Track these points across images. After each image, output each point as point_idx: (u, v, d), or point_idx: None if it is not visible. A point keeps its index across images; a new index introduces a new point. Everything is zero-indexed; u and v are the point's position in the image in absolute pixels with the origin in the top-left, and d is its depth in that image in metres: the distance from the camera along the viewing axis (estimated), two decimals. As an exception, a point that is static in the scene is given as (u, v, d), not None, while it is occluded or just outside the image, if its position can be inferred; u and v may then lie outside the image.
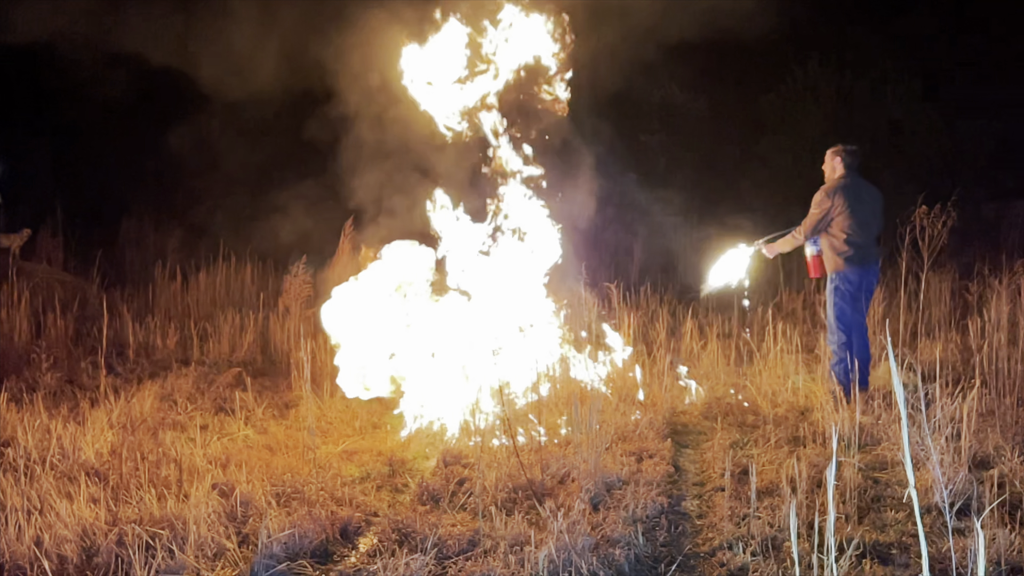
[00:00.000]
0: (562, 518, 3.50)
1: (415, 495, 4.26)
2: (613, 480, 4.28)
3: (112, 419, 5.14)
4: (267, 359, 7.14)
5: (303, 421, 5.13)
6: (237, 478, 4.18)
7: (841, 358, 5.64)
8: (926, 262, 6.56)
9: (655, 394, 5.73)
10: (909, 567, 3.38)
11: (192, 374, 6.40)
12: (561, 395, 5.55)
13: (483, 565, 3.37)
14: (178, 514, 3.68)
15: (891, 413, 5.10)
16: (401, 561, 3.30)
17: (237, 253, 9.18)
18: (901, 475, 4.28)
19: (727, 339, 6.95)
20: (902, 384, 2.38)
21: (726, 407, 5.68)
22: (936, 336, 6.65)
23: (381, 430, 5.39)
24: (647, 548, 3.60)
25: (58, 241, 9.99)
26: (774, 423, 5.20)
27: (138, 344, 7.10)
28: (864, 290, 5.71)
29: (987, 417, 4.93)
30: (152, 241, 11.18)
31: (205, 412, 5.61)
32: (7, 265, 7.81)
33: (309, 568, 3.44)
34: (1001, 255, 8.43)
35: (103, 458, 4.51)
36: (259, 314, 7.66)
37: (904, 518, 3.79)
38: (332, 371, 6.31)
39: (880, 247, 5.86)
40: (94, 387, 5.95)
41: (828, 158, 5.80)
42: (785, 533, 3.62)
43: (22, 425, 4.77)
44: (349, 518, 3.85)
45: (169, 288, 8.51)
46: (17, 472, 4.00)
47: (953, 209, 6.99)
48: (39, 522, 3.55)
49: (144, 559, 3.30)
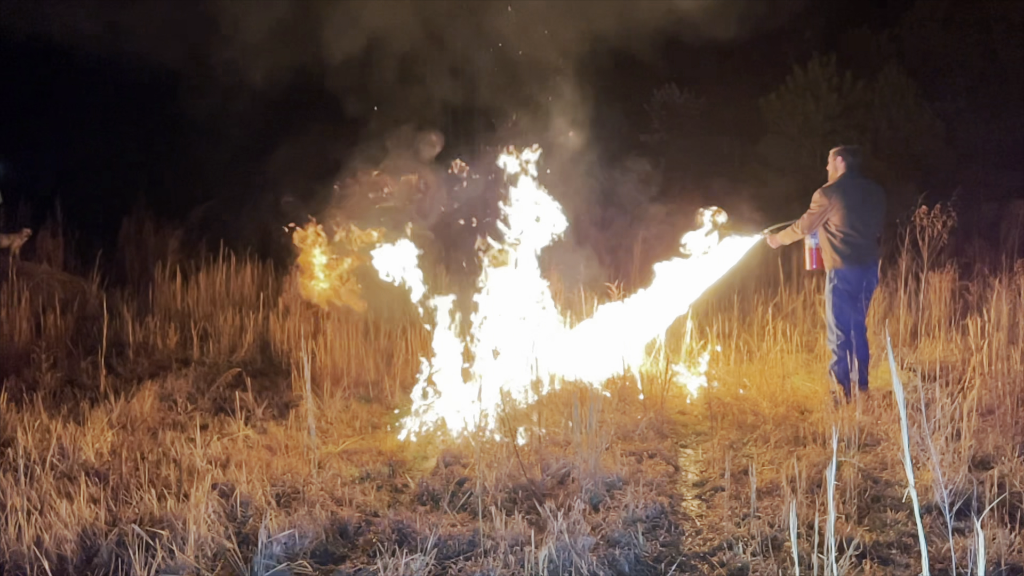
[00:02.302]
0: (562, 518, 3.50)
1: (415, 495, 4.26)
2: (613, 480, 4.27)
3: (112, 419, 5.14)
4: (267, 359, 7.14)
5: (303, 421, 5.12)
6: (237, 478, 4.18)
7: (840, 358, 5.64)
8: (926, 262, 6.56)
9: (655, 394, 5.73)
10: (909, 567, 3.38)
11: (192, 374, 6.39)
12: (561, 395, 5.55)
13: (483, 565, 3.37)
14: (178, 514, 3.68)
15: (891, 413, 5.10)
16: (401, 561, 3.30)
17: (237, 253, 9.18)
18: (901, 475, 4.28)
19: (727, 339, 6.95)
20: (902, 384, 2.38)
21: (726, 407, 5.68)
22: (936, 336, 6.65)
23: (381, 430, 5.39)
24: (647, 548, 3.60)
25: (58, 241, 9.98)
26: (774, 423, 5.20)
27: (138, 344, 7.10)
28: (864, 290, 5.71)
29: (987, 417, 4.93)
30: (152, 241, 11.17)
31: (205, 412, 5.61)
32: (7, 265, 7.81)
33: (309, 568, 3.44)
34: (1001, 255, 8.44)
35: (103, 458, 4.51)
36: (259, 314, 7.66)
37: (904, 518, 3.79)
38: (332, 371, 6.32)
39: (881, 247, 5.87)
40: (94, 387, 5.95)
41: (830, 158, 5.83)
42: (785, 533, 3.62)
43: (22, 425, 4.77)
44: (349, 518, 3.85)
45: (169, 288, 8.50)
46: (17, 472, 4.00)
47: (953, 209, 6.99)
48: (39, 522, 3.54)
49: (144, 559, 3.30)
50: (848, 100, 12.68)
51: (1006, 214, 11.19)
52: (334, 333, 6.68)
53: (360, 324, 7.08)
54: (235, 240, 9.66)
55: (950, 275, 7.60)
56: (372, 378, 6.22)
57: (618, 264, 9.73)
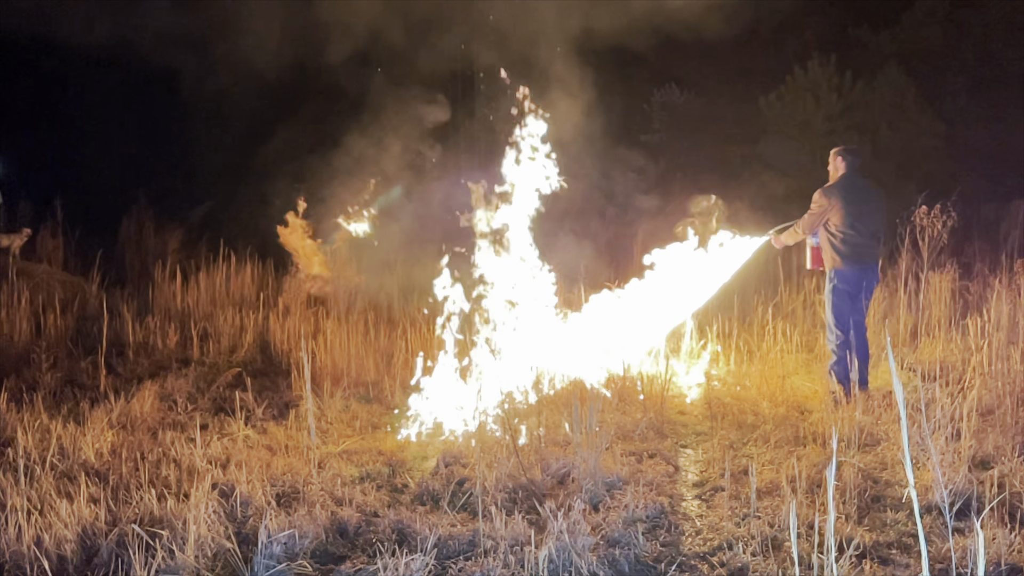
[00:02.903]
0: (562, 518, 3.50)
1: (415, 495, 4.26)
2: (613, 480, 4.28)
3: (112, 419, 5.14)
4: (267, 359, 7.13)
5: (303, 421, 5.13)
6: (237, 478, 4.18)
7: (840, 357, 5.65)
8: (926, 262, 6.56)
9: (655, 394, 5.73)
10: (909, 567, 3.38)
11: (192, 374, 6.39)
12: (561, 395, 5.54)
13: (483, 565, 3.37)
14: (178, 514, 3.68)
15: (891, 413, 5.11)
16: (401, 561, 3.30)
17: (237, 253, 9.18)
18: (901, 475, 4.28)
19: (727, 339, 6.95)
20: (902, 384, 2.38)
21: (726, 407, 5.68)
22: (936, 336, 6.65)
23: (381, 430, 5.39)
24: (647, 548, 3.60)
25: (58, 241, 9.99)
26: (774, 423, 5.20)
27: (138, 344, 7.10)
28: (864, 290, 5.72)
29: (987, 417, 4.93)
30: (152, 241, 11.17)
31: (205, 412, 5.61)
32: (7, 265, 7.81)
33: (309, 568, 3.44)
34: (1001, 255, 8.43)
35: (103, 458, 4.51)
36: (259, 314, 7.66)
37: (904, 518, 3.79)
38: (332, 371, 6.32)
39: (881, 247, 5.87)
40: (94, 387, 5.95)
41: (831, 158, 5.85)
42: (785, 533, 3.62)
43: (22, 425, 4.77)
44: (349, 518, 3.85)
45: (169, 288, 8.50)
46: (17, 472, 4.00)
47: (953, 209, 6.99)
48: (39, 522, 3.55)
49: (144, 559, 3.30)
50: (848, 100, 12.68)
51: (1006, 214, 11.19)
52: (334, 333, 6.68)
53: (360, 324, 7.08)
54: (235, 240, 9.66)
55: (950, 275, 7.60)
56: (372, 378, 6.22)
57: (617, 263, 9.73)
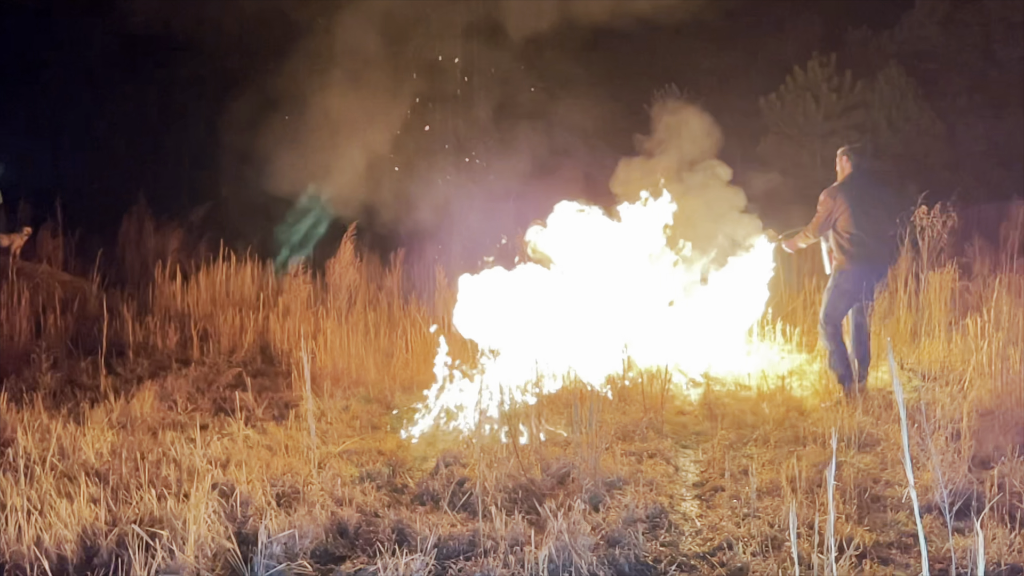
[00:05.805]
0: (562, 518, 3.50)
1: (415, 495, 4.26)
2: (613, 480, 4.28)
3: (112, 419, 5.14)
4: (267, 359, 7.13)
5: (303, 421, 5.12)
6: (237, 478, 4.18)
7: (832, 350, 5.67)
8: (926, 262, 6.56)
9: (655, 394, 5.73)
10: (909, 567, 3.38)
11: (192, 374, 6.39)
12: (561, 395, 5.54)
13: (483, 565, 3.37)
14: (178, 514, 3.67)
15: (891, 413, 5.10)
16: (401, 561, 3.30)
17: (237, 253, 9.17)
18: (901, 475, 4.27)
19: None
20: (902, 384, 2.38)
21: (726, 407, 5.68)
22: (936, 336, 6.64)
23: (381, 430, 5.39)
24: (647, 548, 3.60)
25: (58, 241, 9.98)
26: (774, 423, 5.20)
27: (138, 344, 7.10)
28: (864, 290, 5.71)
29: (987, 417, 4.92)
30: (152, 241, 11.17)
31: (205, 412, 5.61)
32: (7, 265, 7.80)
33: (309, 568, 3.44)
34: (1001, 255, 8.43)
35: (103, 458, 4.51)
36: (259, 314, 7.65)
37: (904, 518, 3.79)
38: (332, 371, 6.32)
39: (895, 249, 5.88)
40: (94, 387, 5.95)
41: (838, 158, 5.89)
42: (785, 533, 3.62)
43: (22, 425, 4.77)
44: (349, 518, 3.85)
45: (169, 288, 8.50)
46: (17, 472, 4.00)
47: (953, 209, 7.00)
48: (39, 522, 3.54)
49: (144, 559, 3.29)
50: (848, 100, 12.68)
51: (1006, 214, 11.18)
52: (334, 333, 6.68)
53: (360, 324, 7.08)
54: (235, 240, 9.65)
55: (950, 275, 7.59)
56: (372, 378, 6.22)
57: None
